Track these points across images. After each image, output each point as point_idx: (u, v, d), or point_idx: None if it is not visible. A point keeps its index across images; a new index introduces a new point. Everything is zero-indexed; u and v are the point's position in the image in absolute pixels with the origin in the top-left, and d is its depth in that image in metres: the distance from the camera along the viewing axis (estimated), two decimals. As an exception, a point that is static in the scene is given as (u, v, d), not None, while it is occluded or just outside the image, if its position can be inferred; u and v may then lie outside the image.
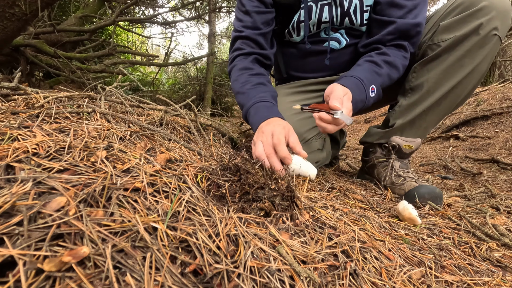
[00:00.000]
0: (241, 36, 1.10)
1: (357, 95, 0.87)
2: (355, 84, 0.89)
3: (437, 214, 0.87)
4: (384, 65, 0.97)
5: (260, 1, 1.07)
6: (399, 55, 0.99)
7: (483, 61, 0.94)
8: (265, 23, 1.08)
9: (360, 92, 0.89)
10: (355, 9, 1.01)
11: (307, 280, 0.41)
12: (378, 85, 0.95)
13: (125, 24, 4.37)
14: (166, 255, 0.37)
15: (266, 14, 1.08)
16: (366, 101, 0.92)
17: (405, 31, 0.97)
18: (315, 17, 1.04)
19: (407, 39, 0.99)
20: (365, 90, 0.91)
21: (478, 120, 2.75)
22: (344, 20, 1.03)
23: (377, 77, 0.95)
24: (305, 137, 1.06)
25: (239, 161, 0.63)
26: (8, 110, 0.63)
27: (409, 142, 1.08)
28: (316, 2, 1.03)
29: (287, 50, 1.20)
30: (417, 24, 0.96)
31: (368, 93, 0.92)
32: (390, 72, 0.98)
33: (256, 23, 1.08)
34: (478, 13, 0.90)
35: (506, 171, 1.60)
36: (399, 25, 0.96)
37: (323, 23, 1.05)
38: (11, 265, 0.31)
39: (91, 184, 0.44)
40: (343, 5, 1.00)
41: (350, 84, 0.87)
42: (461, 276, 0.56)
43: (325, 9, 1.03)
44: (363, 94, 0.90)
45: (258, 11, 1.07)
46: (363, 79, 0.91)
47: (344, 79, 0.91)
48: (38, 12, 1.47)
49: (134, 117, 0.85)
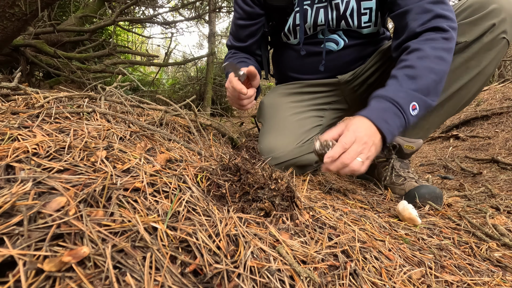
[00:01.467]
0: (229, 45, 1.25)
1: (390, 125, 0.77)
2: (384, 112, 0.78)
3: (437, 214, 0.87)
4: (419, 63, 0.81)
5: (245, 12, 1.09)
6: (438, 38, 0.82)
7: (489, 64, 0.92)
8: (248, 36, 1.16)
9: (396, 117, 0.78)
10: (351, 12, 0.99)
11: (307, 280, 0.41)
12: (420, 97, 0.80)
13: (125, 24, 4.37)
14: (166, 255, 0.37)
15: (250, 27, 1.13)
16: (406, 124, 0.79)
17: (428, 11, 0.85)
18: (310, 20, 1.04)
19: (439, 19, 0.84)
20: (402, 112, 0.78)
21: (478, 120, 2.75)
22: (340, 23, 1.02)
23: (417, 84, 0.80)
24: (304, 137, 1.06)
25: (239, 161, 0.63)
26: (8, 110, 0.63)
27: (410, 142, 1.07)
28: (311, 5, 1.02)
29: (285, 51, 1.21)
30: (437, 1, 0.84)
31: (408, 114, 0.79)
32: (432, 64, 0.81)
33: (240, 36, 1.18)
34: (488, 15, 0.88)
35: (506, 171, 1.60)
36: (416, 8, 0.85)
37: (319, 26, 1.05)
38: (11, 265, 0.31)
39: (91, 184, 0.44)
40: (339, 8, 0.99)
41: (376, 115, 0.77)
42: (461, 276, 0.56)
43: (320, 12, 1.02)
44: (400, 119, 0.78)
45: (242, 25, 1.13)
46: (397, 100, 0.78)
47: (373, 104, 0.80)
48: (38, 12, 1.47)
49: (134, 117, 0.85)
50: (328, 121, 1.18)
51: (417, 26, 0.86)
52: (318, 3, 1.01)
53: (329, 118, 1.18)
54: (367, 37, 1.06)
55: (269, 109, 1.15)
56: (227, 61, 1.10)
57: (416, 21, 0.86)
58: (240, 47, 1.20)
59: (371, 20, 1.01)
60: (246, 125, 2.31)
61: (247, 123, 3.17)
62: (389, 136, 0.78)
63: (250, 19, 1.09)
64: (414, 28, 0.86)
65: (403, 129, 0.81)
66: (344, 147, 0.74)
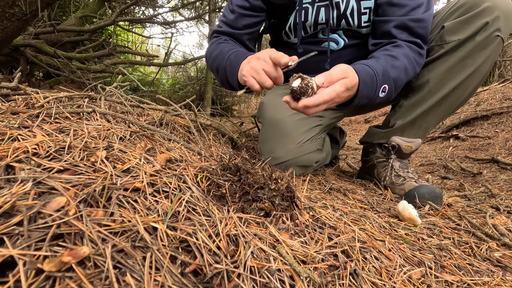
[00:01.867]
0: (218, 31, 1.11)
1: (364, 90, 0.79)
2: (369, 76, 0.79)
3: (437, 214, 0.87)
4: (402, 58, 0.88)
5: (248, 2, 1.05)
6: (415, 50, 0.92)
7: (485, 62, 0.93)
8: (246, 26, 1.08)
9: (370, 88, 0.80)
10: (352, 11, 0.99)
11: (307, 280, 0.41)
12: (392, 84, 0.85)
13: (125, 24, 4.37)
14: (166, 255, 0.37)
15: (250, 17, 1.07)
16: (372, 99, 0.83)
17: (408, 28, 0.92)
18: (311, 18, 1.04)
19: (416, 37, 0.93)
20: (376, 87, 0.82)
21: (478, 120, 2.75)
22: (341, 22, 1.02)
23: (393, 72, 0.85)
24: (304, 137, 1.06)
25: (239, 161, 0.63)
26: (8, 110, 0.63)
27: (409, 142, 1.08)
28: (312, 3, 1.02)
29: (285, 51, 1.20)
30: (418, 19, 0.91)
31: (377, 92, 0.83)
32: (408, 66, 0.89)
33: (237, 23, 1.08)
34: (481, 14, 0.88)
35: (506, 171, 1.60)
36: (399, 22, 0.92)
37: (320, 25, 1.05)
38: (11, 265, 0.31)
39: (91, 184, 0.44)
40: (340, 8, 0.99)
41: (363, 74, 0.78)
42: (461, 276, 0.56)
43: (321, 10, 1.02)
44: (372, 91, 0.81)
45: (243, 14, 1.07)
46: (378, 74, 0.81)
47: (360, 66, 0.81)
48: (38, 12, 1.47)
49: (134, 117, 0.85)
50: (327, 120, 1.18)
51: (401, 38, 0.93)
52: (319, 1, 1.02)
53: (328, 117, 1.18)
54: (366, 36, 1.06)
55: (269, 109, 1.14)
56: (225, 46, 1.00)
57: (401, 35, 0.93)
58: (232, 34, 1.10)
59: (371, 20, 1.01)
60: (246, 125, 2.31)
61: (247, 123, 3.18)
62: (356, 101, 0.80)
63: (252, 11, 1.07)
64: (398, 36, 0.94)
65: (366, 102, 0.83)
66: (326, 100, 0.69)
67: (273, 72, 0.77)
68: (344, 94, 0.73)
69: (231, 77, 0.93)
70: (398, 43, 0.92)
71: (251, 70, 0.79)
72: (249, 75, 0.79)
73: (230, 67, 0.91)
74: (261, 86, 0.78)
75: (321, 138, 1.14)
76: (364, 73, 0.79)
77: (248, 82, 0.79)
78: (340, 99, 0.74)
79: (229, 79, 0.94)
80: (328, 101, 0.70)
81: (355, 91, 0.78)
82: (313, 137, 1.09)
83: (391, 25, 0.94)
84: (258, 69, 0.78)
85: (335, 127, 1.47)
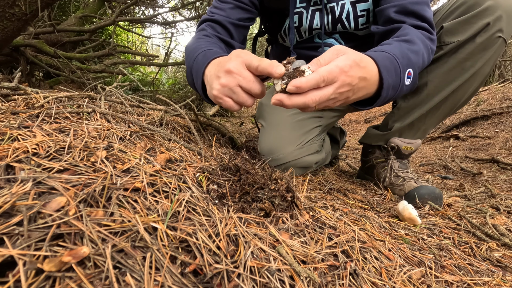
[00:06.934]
0: (209, 19, 0.97)
1: (388, 77, 0.63)
2: (388, 60, 0.64)
3: (437, 214, 0.87)
4: (419, 42, 0.74)
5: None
6: (425, 35, 0.79)
7: (485, 64, 0.89)
8: (239, 19, 0.99)
9: (394, 73, 0.65)
10: (347, 15, 0.96)
11: (307, 280, 0.41)
12: (415, 69, 0.71)
13: (125, 24, 4.37)
14: (166, 255, 0.37)
15: (244, 12, 1.00)
16: (398, 89, 0.67)
17: (412, 12, 0.80)
18: (306, 23, 1.01)
19: (423, 21, 0.81)
20: (400, 72, 0.66)
21: (478, 120, 2.75)
22: (337, 26, 1.00)
23: (415, 57, 0.71)
24: (303, 139, 1.06)
25: (239, 161, 0.63)
26: (8, 110, 0.63)
27: (409, 143, 1.07)
28: (307, 8, 1.00)
29: (281, 53, 1.20)
30: (419, 2, 0.80)
31: (403, 78, 0.67)
32: (425, 52, 0.75)
33: (231, 14, 0.97)
34: (482, 13, 0.84)
35: (506, 171, 1.60)
36: (401, 8, 0.81)
37: (315, 30, 1.02)
38: (11, 265, 0.31)
39: (91, 184, 0.44)
40: (335, 12, 0.96)
41: (379, 58, 0.63)
42: (461, 276, 0.56)
43: (316, 15, 0.99)
44: (397, 78, 0.66)
45: (237, 5, 0.98)
46: (397, 56, 0.66)
47: (370, 52, 0.65)
48: (38, 12, 1.47)
49: (134, 117, 0.85)
50: (327, 120, 1.18)
51: (409, 22, 0.81)
52: (313, 6, 0.99)
53: (328, 117, 1.18)
54: (363, 38, 1.05)
55: (268, 110, 1.14)
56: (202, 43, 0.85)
57: (408, 19, 0.81)
58: (221, 23, 0.96)
59: (369, 21, 0.99)
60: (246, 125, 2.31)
61: (247, 123, 3.18)
62: (383, 94, 0.65)
63: (247, 5, 1.01)
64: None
65: (393, 95, 0.68)
66: (325, 77, 0.53)
67: (254, 87, 0.59)
68: (353, 72, 0.56)
69: (196, 81, 0.76)
70: (405, 27, 0.79)
71: (223, 89, 0.61)
72: (223, 95, 0.62)
73: (196, 68, 0.75)
74: (241, 106, 0.63)
75: (321, 139, 1.13)
76: (381, 56, 0.63)
77: (224, 104, 0.63)
78: (351, 79, 0.56)
79: (195, 83, 0.78)
80: (330, 80, 0.53)
81: (372, 75, 0.61)
82: (313, 139, 1.09)
83: (392, 10, 0.82)
84: (233, 86, 0.60)
85: (335, 127, 1.47)
